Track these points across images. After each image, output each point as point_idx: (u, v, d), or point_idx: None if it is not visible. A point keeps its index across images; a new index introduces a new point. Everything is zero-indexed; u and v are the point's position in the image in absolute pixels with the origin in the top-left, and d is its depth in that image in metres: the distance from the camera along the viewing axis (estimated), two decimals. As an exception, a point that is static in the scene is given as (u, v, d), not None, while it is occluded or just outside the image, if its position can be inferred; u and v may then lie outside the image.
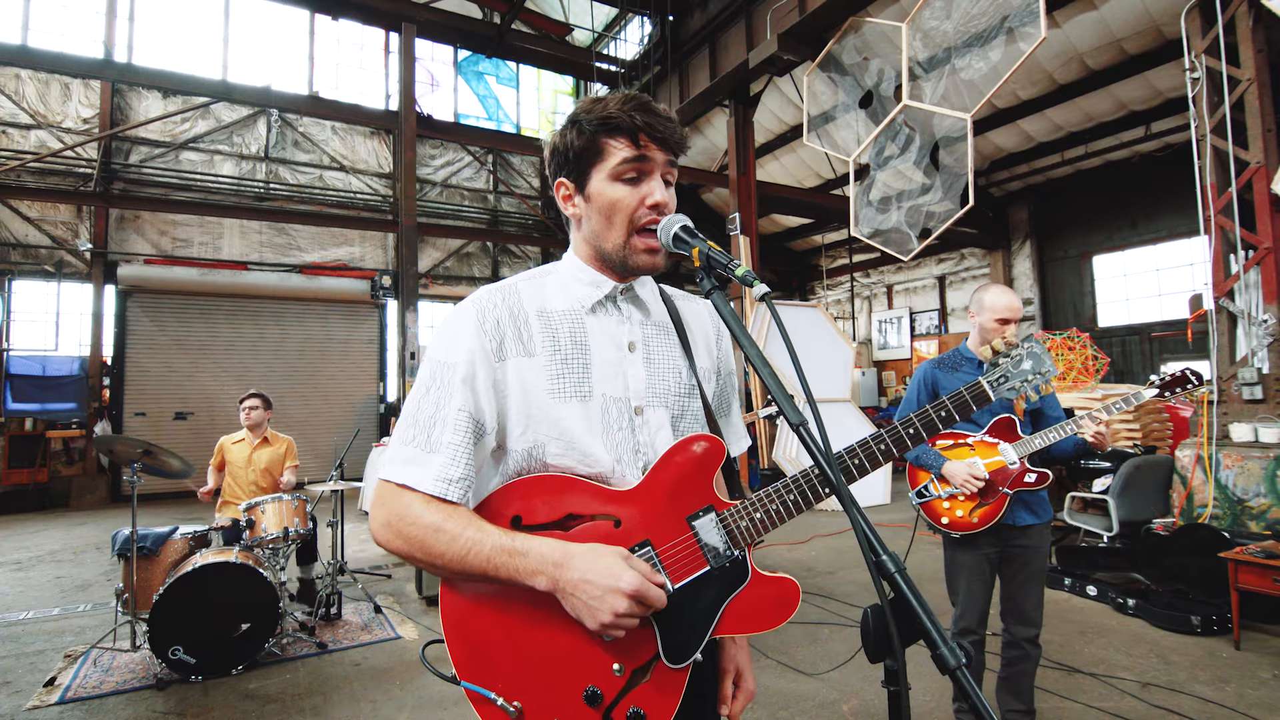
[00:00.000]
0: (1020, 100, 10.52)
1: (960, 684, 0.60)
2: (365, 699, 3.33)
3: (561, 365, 1.06)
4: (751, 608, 1.03)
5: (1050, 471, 2.57)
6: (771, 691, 3.35)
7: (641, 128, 1.03)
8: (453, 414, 1.00)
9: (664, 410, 1.12)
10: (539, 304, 1.10)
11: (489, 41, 10.88)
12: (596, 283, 1.12)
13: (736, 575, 1.04)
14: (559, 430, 1.04)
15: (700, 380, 1.18)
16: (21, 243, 10.08)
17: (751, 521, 1.04)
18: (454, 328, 1.05)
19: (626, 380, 1.10)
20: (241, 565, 3.63)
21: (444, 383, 1.02)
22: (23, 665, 3.79)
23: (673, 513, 1.04)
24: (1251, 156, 4.78)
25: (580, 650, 0.98)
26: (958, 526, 2.65)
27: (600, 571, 0.92)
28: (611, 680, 0.98)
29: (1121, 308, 11.75)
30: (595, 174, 1.06)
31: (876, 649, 0.69)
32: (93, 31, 10.54)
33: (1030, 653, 2.68)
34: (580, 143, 1.06)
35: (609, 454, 1.05)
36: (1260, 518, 4.40)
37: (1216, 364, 4.89)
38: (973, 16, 6.55)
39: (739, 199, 9.39)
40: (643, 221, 1.05)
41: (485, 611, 1.01)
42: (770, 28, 8.30)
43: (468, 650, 1.00)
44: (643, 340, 1.14)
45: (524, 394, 1.04)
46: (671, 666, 0.99)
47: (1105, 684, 3.35)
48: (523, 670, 0.98)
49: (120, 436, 4.25)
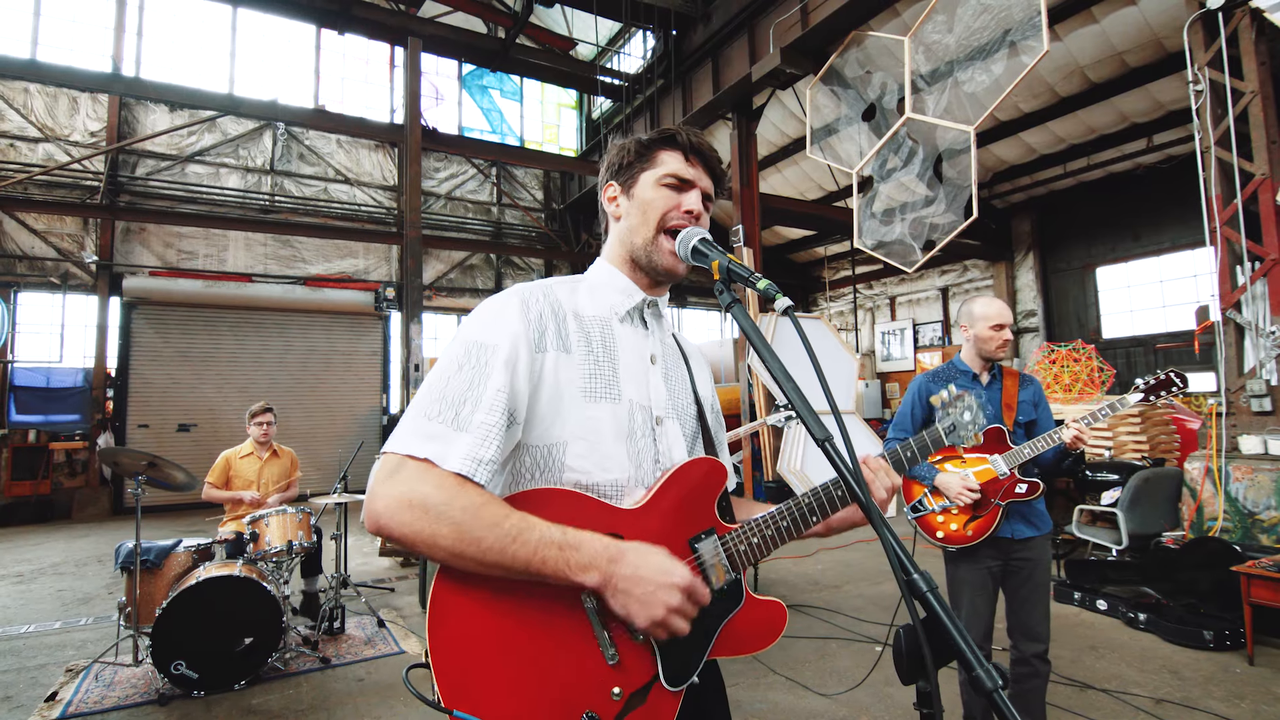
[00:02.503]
0: (1022, 113, 10.56)
1: (998, 707, 0.59)
2: (369, 714, 3.30)
3: (595, 366, 1.07)
4: (746, 630, 1.05)
5: (1041, 482, 2.56)
6: (782, 709, 3.31)
7: (694, 149, 1.16)
8: (490, 394, 0.96)
9: (678, 424, 1.14)
10: (574, 306, 1.12)
11: (494, 56, 10.96)
12: (628, 290, 1.16)
13: (733, 598, 1.04)
14: (588, 429, 1.03)
15: (703, 407, 1.22)
16: (27, 255, 10.12)
17: (750, 545, 1.05)
18: (497, 310, 1.04)
19: (649, 390, 1.12)
20: (245, 579, 3.60)
21: (483, 362, 0.98)
22: (24, 680, 3.76)
23: (676, 533, 1.03)
24: (1256, 168, 4.78)
25: (579, 672, 0.95)
26: (953, 540, 2.64)
27: (653, 567, 0.91)
28: (609, 704, 0.95)
29: (1126, 319, 11.73)
30: (644, 177, 1.15)
31: (910, 670, 0.67)
32: (101, 46, 10.65)
33: (1039, 669, 2.65)
34: (637, 151, 1.17)
35: (630, 460, 1.05)
36: (1271, 531, 4.35)
37: (1225, 376, 4.87)
38: (975, 30, 6.59)
39: (742, 211, 9.41)
40: (672, 223, 1.12)
41: (482, 629, 0.94)
42: (773, 42, 8.35)
43: (459, 671, 0.91)
44: (662, 356, 1.18)
45: (557, 389, 1.03)
46: (669, 689, 0.98)
47: (1118, 700, 3.31)
48: (518, 693, 0.92)
49: (125, 449, 4.23)
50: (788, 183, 13.58)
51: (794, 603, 5.00)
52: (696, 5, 9.68)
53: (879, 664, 3.58)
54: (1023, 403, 2.76)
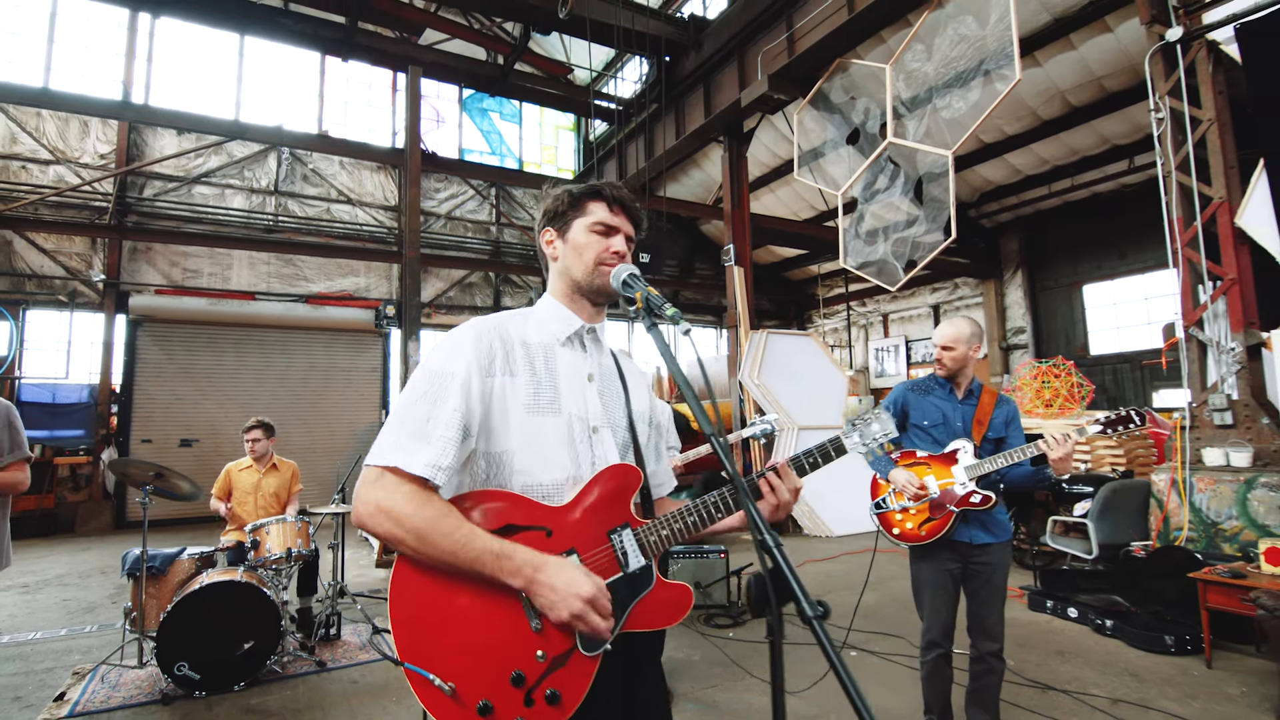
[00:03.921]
0: (1007, 135, 10.85)
1: (815, 633, 0.78)
2: (362, 713, 3.46)
3: (537, 385, 1.27)
4: (655, 608, 1.24)
5: (993, 495, 2.73)
6: (755, 709, 3.47)
7: (617, 200, 1.37)
8: (447, 413, 1.18)
9: (611, 433, 1.34)
10: (522, 335, 1.32)
11: (492, 81, 11.31)
12: (568, 320, 1.37)
13: (644, 580, 1.24)
14: (531, 438, 1.24)
15: (635, 422, 1.41)
16: (37, 273, 10.38)
17: (659, 537, 1.25)
18: (455, 343, 1.26)
19: (587, 404, 1.32)
20: (246, 584, 3.77)
21: (442, 388, 1.20)
22: (32, 682, 3.92)
23: (596, 527, 1.24)
24: (1215, 192, 5.01)
25: (511, 640, 1.16)
26: (907, 537, 2.84)
27: (565, 580, 1.13)
28: (535, 665, 1.15)
29: (1112, 336, 11.94)
30: (576, 224, 1.37)
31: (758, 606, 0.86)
32: (112, 71, 10.99)
33: (994, 666, 2.83)
34: (569, 202, 1.38)
35: (571, 462, 1.26)
36: (1233, 539, 4.52)
37: (1189, 391, 5.06)
38: (952, 59, 6.87)
39: (733, 231, 9.67)
40: (604, 259, 1.33)
41: (432, 601, 1.16)
42: (761, 69, 8.64)
43: (412, 636, 1.15)
44: (599, 375, 1.38)
45: (504, 407, 1.24)
46: (586, 655, 1.17)
47: (1077, 700, 3.47)
48: (459, 655, 1.14)
49: (134, 460, 4.43)
50: (781, 203, 13.86)
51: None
52: (688, 33, 10.01)
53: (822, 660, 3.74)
54: (995, 421, 2.92)
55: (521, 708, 1.13)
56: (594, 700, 1.17)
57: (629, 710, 1.27)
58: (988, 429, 2.86)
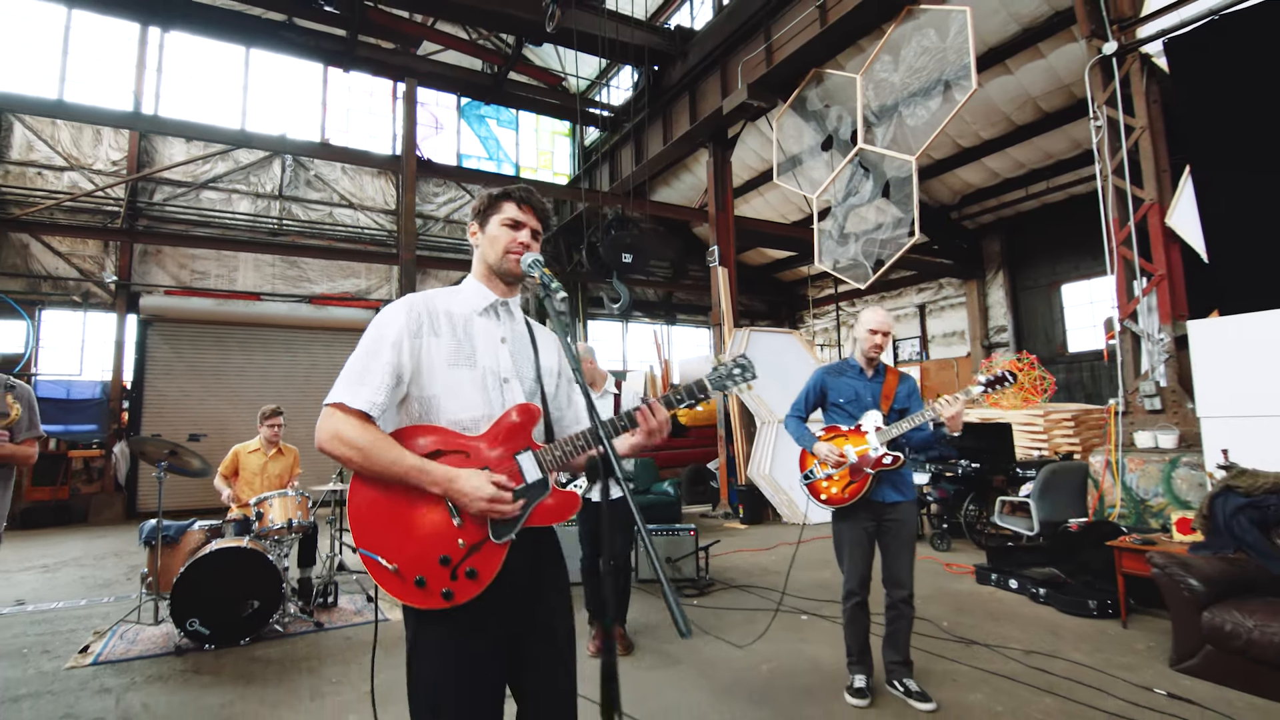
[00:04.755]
0: (983, 140, 11.24)
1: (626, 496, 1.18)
2: (354, 662, 3.87)
3: (457, 345, 1.67)
4: (549, 509, 1.63)
5: (902, 455, 3.14)
6: (704, 658, 3.87)
7: (525, 200, 1.75)
8: (380, 365, 1.58)
9: (519, 383, 1.73)
10: (447, 307, 1.71)
11: (488, 90, 11.76)
12: (484, 294, 1.76)
13: (540, 489, 1.63)
14: (452, 386, 1.63)
15: (542, 375, 1.79)
16: (52, 275, 10.86)
17: (553, 456, 1.64)
18: (391, 313, 1.65)
19: (499, 360, 1.71)
20: (251, 551, 4.19)
21: (377, 345, 1.59)
22: (59, 640, 4.35)
23: (505, 450, 1.63)
24: (1147, 194, 5.40)
25: (439, 532, 1.54)
26: (834, 501, 3.23)
27: (471, 485, 1.51)
28: (457, 550, 1.53)
29: (1090, 333, 12.30)
30: (492, 219, 1.75)
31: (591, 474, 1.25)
32: (124, 81, 11.47)
33: (905, 612, 3.22)
34: (488, 202, 1.77)
35: (485, 404, 1.65)
36: (1159, 515, 4.90)
37: (1123, 379, 5.44)
38: (916, 70, 7.27)
39: (718, 233, 10.08)
40: (512, 249, 1.72)
41: (379, 506, 1.55)
42: (741, 78, 9.06)
43: (365, 531, 1.53)
44: (510, 339, 1.77)
45: (430, 361, 1.63)
46: (495, 543, 1.56)
47: (995, 652, 3.85)
48: (400, 543, 1.52)
49: (150, 439, 4.86)
50: (770, 206, 14.25)
51: (743, 583, 5.57)
52: (675, 43, 10.44)
53: (776, 622, 4.15)
54: (899, 394, 3.37)
55: (448, 581, 1.52)
56: (505, 577, 1.57)
57: (534, 589, 1.66)
58: (894, 401, 3.27)
